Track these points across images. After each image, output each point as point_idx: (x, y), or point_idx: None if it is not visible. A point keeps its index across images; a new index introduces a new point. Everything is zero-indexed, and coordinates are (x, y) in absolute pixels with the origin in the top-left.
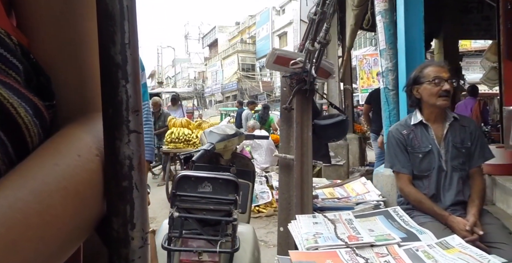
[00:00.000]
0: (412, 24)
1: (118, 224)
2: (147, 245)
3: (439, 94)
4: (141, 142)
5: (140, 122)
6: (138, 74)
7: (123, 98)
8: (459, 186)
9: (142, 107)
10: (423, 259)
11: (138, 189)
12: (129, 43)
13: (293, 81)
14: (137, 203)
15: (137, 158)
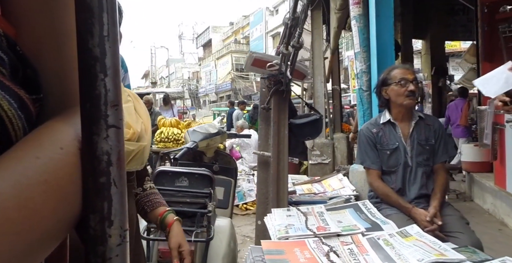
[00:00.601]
0: (383, 29)
1: (95, 221)
2: (125, 243)
3: (405, 94)
4: (120, 138)
5: (120, 116)
6: (118, 67)
7: (101, 92)
8: (422, 181)
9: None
10: (382, 246)
11: (117, 186)
12: (109, 36)
13: (270, 82)
14: (115, 200)
15: (116, 154)
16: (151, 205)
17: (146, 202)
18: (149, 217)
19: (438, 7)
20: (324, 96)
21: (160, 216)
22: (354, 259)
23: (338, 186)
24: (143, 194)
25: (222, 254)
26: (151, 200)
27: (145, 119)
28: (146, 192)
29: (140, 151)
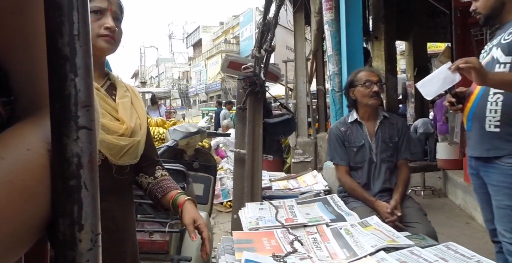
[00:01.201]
0: (352, 34)
1: (65, 225)
2: (97, 247)
3: (370, 95)
4: (92, 139)
5: (91, 118)
6: (90, 68)
7: (71, 92)
8: (386, 176)
9: None
10: (343, 235)
11: (88, 189)
12: (79, 35)
13: (246, 83)
14: (86, 203)
15: (87, 156)
16: (161, 190)
17: (157, 189)
18: (162, 203)
19: (420, 9)
20: (307, 96)
21: (171, 199)
22: (316, 247)
23: (311, 182)
24: (154, 182)
25: (196, 244)
26: (161, 186)
27: (141, 114)
28: (157, 180)
29: (133, 146)
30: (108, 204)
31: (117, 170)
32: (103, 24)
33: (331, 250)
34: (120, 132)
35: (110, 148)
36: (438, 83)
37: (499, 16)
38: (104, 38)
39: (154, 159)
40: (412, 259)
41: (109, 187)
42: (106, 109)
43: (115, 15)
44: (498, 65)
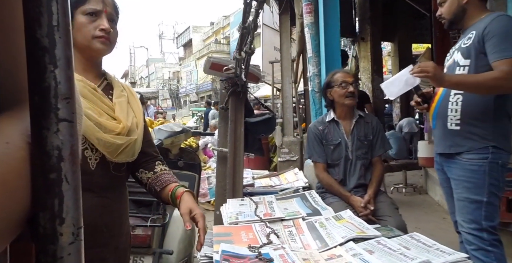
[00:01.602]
0: (330, 37)
1: (45, 219)
2: (79, 241)
3: (346, 95)
4: (73, 132)
5: (72, 110)
6: (70, 59)
7: (51, 84)
8: (361, 172)
9: None
10: (317, 228)
11: (69, 182)
12: (58, 25)
13: (228, 84)
14: (67, 196)
15: (67, 149)
16: (160, 184)
17: (156, 183)
18: (162, 196)
19: (405, 11)
20: (293, 96)
21: (170, 191)
22: (292, 239)
23: (292, 179)
24: (153, 177)
25: (178, 238)
26: (160, 179)
27: (138, 113)
28: (156, 174)
29: (130, 144)
30: (107, 200)
31: (114, 167)
32: (98, 26)
33: (304, 242)
34: (117, 131)
35: (107, 146)
36: (401, 84)
37: (461, 21)
38: (99, 39)
39: (153, 155)
40: (378, 248)
41: (107, 184)
42: (103, 108)
43: (110, 17)
44: (458, 67)
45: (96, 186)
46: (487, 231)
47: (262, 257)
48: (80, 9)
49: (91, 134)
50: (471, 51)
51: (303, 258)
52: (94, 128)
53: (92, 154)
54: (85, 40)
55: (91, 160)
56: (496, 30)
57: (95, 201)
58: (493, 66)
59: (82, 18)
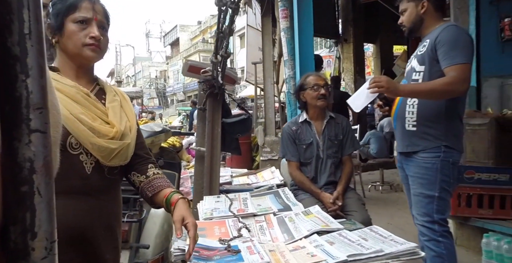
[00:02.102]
0: (304, 41)
1: (16, 233)
2: (52, 255)
3: (318, 97)
4: (46, 143)
5: (45, 120)
6: (43, 68)
7: (22, 94)
8: (331, 170)
9: None
10: (286, 222)
11: (42, 195)
12: (30, 33)
13: (206, 86)
14: (39, 209)
15: (40, 160)
16: (152, 189)
17: (148, 188)
18: (154, 201)
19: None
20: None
21: (165, 198)
22: (262, 233)
23: (269, 177)
24: (145, 181)
25: (155, 233)
26: (152, 185)
27: (131, 117)
28: (148, 179)
29: (123, 148)
30: (104, 203)
31: (109, 171)
32: (89, 34)
33: (273, 235)
34: (111, 135)
35: (101, 151)
36: (363, 98)
37: (419, 30)
38: (89, 47)
39: (145, 157)
40: (338, 240)
41: (103, 187)
42: (96, 113)
43: (100, 24)
44: (414, 73)
45: (93, 189)
46: (438, 223)
47: (230, 249)
48: (70, 17)
49: (85, 139)
50: (425, 58)
51: (270, 249)
52: (88, 133)
53: (87, 158)
54: (76, 48)
55: (87, 164)
56: (446, 39)
57: (92, 204)
58: (444, 72)
59: (72, 26)
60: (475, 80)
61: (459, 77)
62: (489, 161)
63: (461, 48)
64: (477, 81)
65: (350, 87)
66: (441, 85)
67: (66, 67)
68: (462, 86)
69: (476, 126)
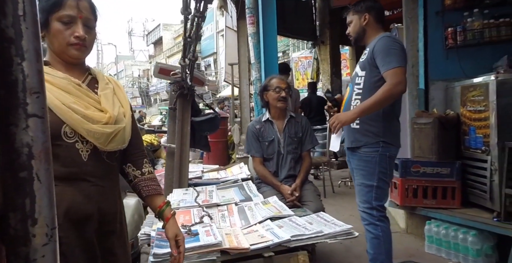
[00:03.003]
0: (269, 46)
1: (16, 220)
2: (53, 242)
3: (278, 99)
4: (45, 128)
5: (42, 105)
6: (39, 51)
7: (18, 77)
8: (291, 164)
9: None
10: (245, 211)
11: (41, 180)
12: (25, 15)
13: (176, 87)
14: (39, 195)
15: (39, 146)
16: (148, 191)
17: (144, 187)
18: (146, 201)
19: None
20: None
21: (159, 208)
22: (223, 220)
23: (237, 172)
24: (141, 178)
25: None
26: (148, 185)
27: (124, 103)
28: (144, 176)
29: (119, 132)
30: (103, 189)
31: (107, 156)
32: (73, 33)
33: (232, 222)
34: (104, 121)
35: (97, 136)
36: (335, 140)
37: (363, 39)
38: (74, 46)
39: (141, 149)
40: (287, 224)
41: (102, 173)
42: (89, 102)
43: (85, 22)
44: (357, 77)
45: (91, 175)
46: (376, 209)
47: (190, 232)
48: (55, 15)
49: (79, 126)
50: (366, 65)
51: (226, 233)
52: (82, 121)
53: (83, 146)
54: (61, 47)
55: (83, 152)
56: (381, 48)
57: (92, 190)
58: (384, 76)
59: (57, 24)
60: (424, 83)
61: (395, 81)
62: (433, 156)
63: (394, 54)
64: (425, 84)
65: (327, 87)
66: (382, 94)
67: (56, 61)
68: (399, 87)
69: (422, 125)
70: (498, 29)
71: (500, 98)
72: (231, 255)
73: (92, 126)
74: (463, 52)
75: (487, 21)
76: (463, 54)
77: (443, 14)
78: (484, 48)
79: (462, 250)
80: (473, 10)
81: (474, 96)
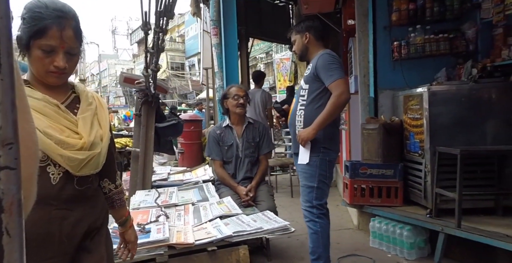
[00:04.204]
0: (230, 56)
1: None
2: None
3: (237, 105)
4: (16, 180)
5: (15, 156)
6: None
7: None
8: (248, 167)
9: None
10: (200, 210)
11: (11, 235)
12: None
13: (140, 95)
14: (8, 250)
15: (9, 199)
16: (120, 204)
17: (117, 200)
18: (113, 213)
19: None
20: None
21: (125, 217)
22: (178, 219)
23: (201, 174)
24: (115, 191)
25: None
26: (121, 198)
27: (104, 125)
28: (118, 189)
29: (93, 158)
30: (69, 212)
31: (79, 181)
32: (53, 62)
33: (186, 220)
34: (78, 147)
35: (71, 160)
36: (304, 152)
37: (307, 56)
38: (53, 74)
39: (115, 162)
40: (234, 222)
41: (70, 197)
42: (65, 124)
43: (68, 50)
44: (302, 90)
45: (55, 199)
46: (316, 207)
47: (143, 230)
48: (36, 42)
49: (51, 151)
50: (309, 79)
51: (178, 230)
52: (54, 146)
53: (55, 169)
54: (40, 73)
55: (54, 175)
56: (322, 64)
57: (53, 214)
58: (329, 88)
59: (37, 51)
60: (373, 92)
61: (339, 91)
62: (379, 159)
63: (334, 69)
64: (374, 93)
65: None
66: (331, 106)
67: (36, 81)
68: (343, 96)
69: (370, 131)
70: (438, 43)
71: (432, 107)
72: (177, 249)
73: (64, 152)
74: (407, 64)
75: (428, 36)
76: (407, 66)
77: (390, 29)
78: (426, 61)
79: (399, 244)
80: (416, 26)
81: (413, 105)
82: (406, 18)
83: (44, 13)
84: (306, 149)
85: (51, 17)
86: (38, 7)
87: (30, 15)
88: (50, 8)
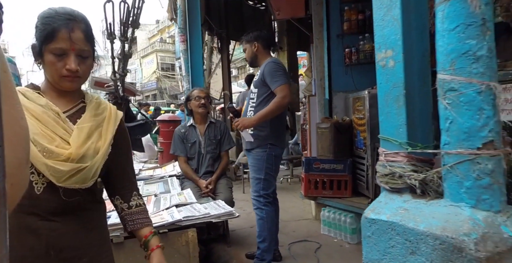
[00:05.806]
0: (195, 61)
1: None
2: None
3: (199, 106)
4: (1, 167)
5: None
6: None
7: None
8: (209, 162)
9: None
10: (161, 200)
11: None
12: None
13: (111, 97)
14: None
15: None
16: (133, 225)
17: (129, 221)
18: (132, 233)
19: None
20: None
21: (145, 238)
22: None
23: (170, 170)
24: (127, 212)
25: None
26: (134, 219)
27: (106, 138)
28: (131, 210)
29: (80, 171)
30: (56, 224)
31: (64, 192)
32: (65, 65)
33: None
34: (63, 157)
35: (55, 171)
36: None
37: (256, 63)
38: (66, 78)
39: (132, 180)
40: (187, 209)
41: (56, 208)
42: (59, 133)
43: (79, 53)
44: (251, 93)
45: (42, 210)
46: (262, 196)
47: None
48: (48, 46)
49: (35, 160)
50: (258, 84)
51: None
52: (37, 155)
53: (39, 178)
54: (54, 78)
55: (38, 184)
56: (268, 71)
57: (40, 225)
58: (274, 92)
59: (49, 56)
60: (328, 94)
61: (282, 95)
62: (330, 155)
63: (279, 75)
64: (329, 95)
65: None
66: (274, 105)
67: (48, 87)
68: (286, 99)
69: (323, 129)
70: None
71: (372, 108)
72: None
73: (46, 161)
74: (357, 69)
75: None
76: (357, 71)
77: (343, 37)
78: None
79: (343, 230)
80: (365, 34)
81: (359, 106)
82: (356, 27)
83: (53, 18)
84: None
85: (60, 20)
86: (49, 14)
87: (41, 22)
88: (59, 13)
